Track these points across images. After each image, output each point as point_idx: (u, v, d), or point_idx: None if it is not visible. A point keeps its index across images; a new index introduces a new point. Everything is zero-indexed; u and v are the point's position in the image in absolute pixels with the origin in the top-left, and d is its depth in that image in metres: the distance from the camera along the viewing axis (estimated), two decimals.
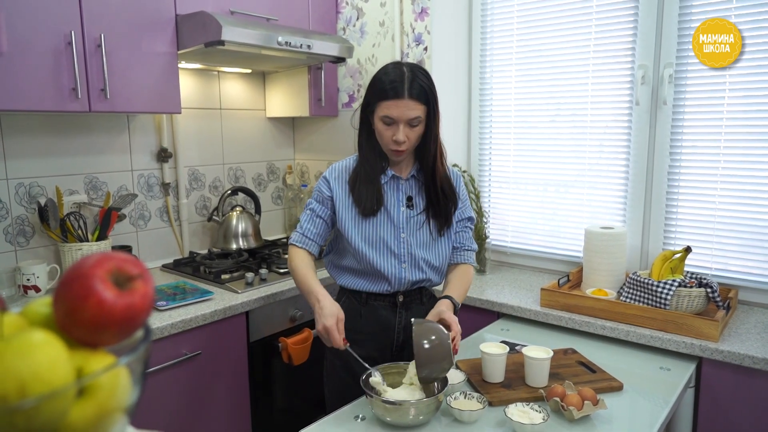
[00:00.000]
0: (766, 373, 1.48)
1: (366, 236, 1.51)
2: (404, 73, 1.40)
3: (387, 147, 1.47)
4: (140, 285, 0.42)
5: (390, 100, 1.39)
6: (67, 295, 0.40)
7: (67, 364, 0.35)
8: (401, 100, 1.39)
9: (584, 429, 1.25)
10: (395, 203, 1.53)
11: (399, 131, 1.41)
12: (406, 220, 1.53)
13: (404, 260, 1.53)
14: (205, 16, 1.89)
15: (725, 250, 1.91)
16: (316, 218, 1.55)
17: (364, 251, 1.51)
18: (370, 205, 1.49)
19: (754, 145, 1.83)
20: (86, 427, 0.37)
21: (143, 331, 0.44)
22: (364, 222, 1.51)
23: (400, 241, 1.52)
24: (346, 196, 1.52)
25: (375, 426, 1.26)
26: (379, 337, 1.57)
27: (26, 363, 0.33)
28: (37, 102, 1.64)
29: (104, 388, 0.38)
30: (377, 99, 1.43)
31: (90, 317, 0.39)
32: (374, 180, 1.50)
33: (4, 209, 1.88)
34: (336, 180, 1.55)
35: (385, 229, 1.51)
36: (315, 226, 1.55)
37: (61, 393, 0.33)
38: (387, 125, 1.43)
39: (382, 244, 1.51)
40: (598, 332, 1.75)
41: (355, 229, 1.51)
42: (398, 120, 1.41)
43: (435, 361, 1.25)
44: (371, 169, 1.50)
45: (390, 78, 1.41)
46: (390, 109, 1.40)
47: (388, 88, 1.40)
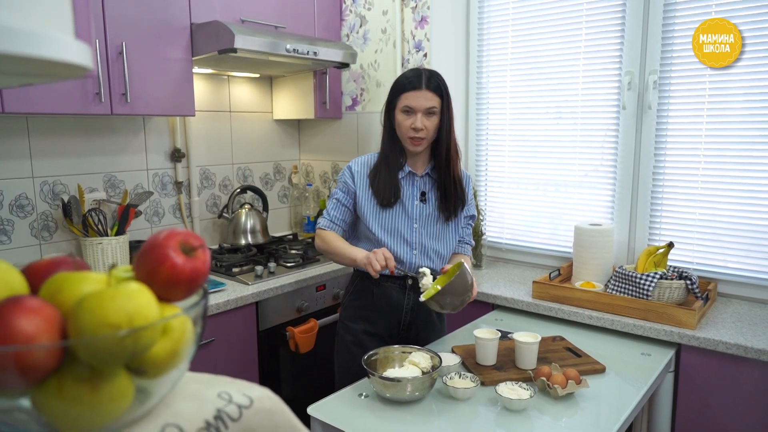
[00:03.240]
0: (738, 357, 1.61)
1: (383, 224, 1.69)
2: (422, 72, 1.63)
3: (406, 136, 1.64)
4: (201, 253, 0.54)
5: (409, 92, 1.61)
6: (147, 260, 0.53)
7: (156, 307, 0.48)
8: (419, 91, 1.60)
9: (567, 405, 1.37)
10: (410, 197, 1.71)
11: (417, 119, 1.60)
12: (419, 212, 1.71)
13: (415, 248, 1.71)
14: (219, 25, 2.01)
15: (705, 246, 2.04)
16: (341, 206, 1.73)
17: (381, 237, 1.68)
18: (388, 198, 1.67)
19: (733, 147, 1.95)
20: (165, 358, 0.50)
21: (203, 290, 0.56)
22: (381, 212, 1.69)
23: (413, 230, 1.70)
24: (366, 188, 1.70)
25: (376, 402, 1.38)
26: (389, 315, 1.74)
27: (132, 303, 0.45)
28: (64, 105, 1.77)
29: (177, 330, 0.51)
30: (398, 93, 1.63)
31: (165, 277, 0.52)
32: (393, 175, 1.68)
33: (30, 205, 2.01)
34: (358, 173, 1.73)
35: (400, 219, 1.70)
36: (341, 213, 1.73)
37: (155, 326, 0.46)
38: (406, 115, 1.62)
39: (396, 232, 1.69)
40: (585, 321, 1.88)
41: (373, 217, 1.69)
42: (416, 109, 1.60)
43: (458, 294, 1.46)
44: (391, 165, 1.68)
45: (409, 76, 1.63)
46: (409, 99, 1.61)
47: (407, 83, 1.62)
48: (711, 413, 1.67)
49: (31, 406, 0.47)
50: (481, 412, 1.35)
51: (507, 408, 1.34)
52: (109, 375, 0.47)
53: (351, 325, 1.76)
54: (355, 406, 1.38)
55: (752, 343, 1.59)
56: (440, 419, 1.32)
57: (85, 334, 0.44)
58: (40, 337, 0.43)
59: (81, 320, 0.44)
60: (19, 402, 0.47)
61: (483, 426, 1.31)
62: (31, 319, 0.43)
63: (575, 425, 1.31)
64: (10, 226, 1.96)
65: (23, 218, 2.00)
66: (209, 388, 0.57)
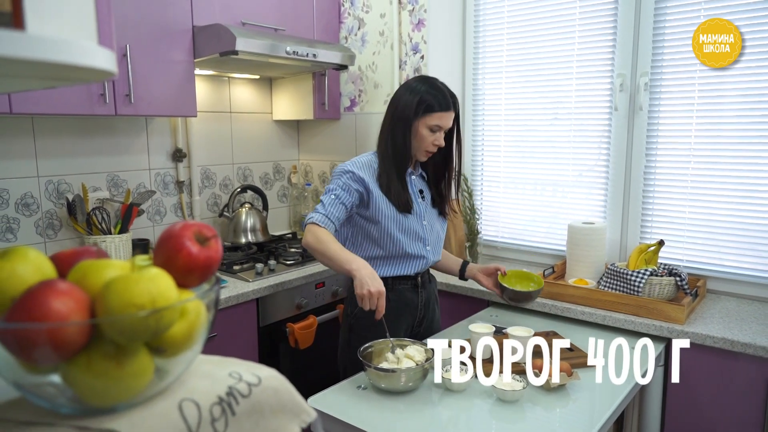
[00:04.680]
0: (725, 351, 1.66)
1: (401, 227, 1.72)
2: (446, 92, 1.69)
3: (425, 149, 1.71)
4: (214, 243, 0.59)
5: (442, 112, 1.67)
6: (165, 249, 0.57)
7: (175, 290, 0.52)
8: (449, 112, 1.68)
9: (559, 396, 1.42)
10: (415, 196, 1.77)
11: (441, 137, 1.69)
12: (424, 210, 1.78)
13: (428, 244, 1.78)
14: (220, 28, 2.06)
15: (696, 243, 2.09)
16: (340, 204, 1.66)
17: (399, 239, 1.72)
18: (405, 204, 1.71)
19: (721, 148, 2.00)
20: (181, 339, 0.55)
21: (215, 278, 0.61)
22: (399, 216, 1.72)
23: (423, 227, 1.77)
24: (380, 194, 1.69)
25: (373, 393, 1.43)
26: (405, 316, 1.78)
27: (154, 285, 0.50)
28: (70, 106, 1.81)
29: (192, 313, 0.56)
30: (428, 111, 1.67)
31: (182, 264, 0.57)
32: (402, 180, 1.73)
33: (35, 204, 2.05)
34: (368, 178, 1.69)
35: (414, 219, 1.75)
36: (338, 211, 1.66)
37: (174, 307, 0.51)
38: (432, 132, 1.68)
39: (413, 232, 1.75)
40: (578, 317, 1.93)
41: (393, 222, 1.71)
42: (443, 127, 1.68)
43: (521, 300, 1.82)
44: (401, 172, 1.72)
45: (437, 96, 1.67)
46: (442, 119, 1.67)
47: (437, 103, 1.66)
48: (699, 405, 1.73)
49: (60, 381, 0.52)
50: (475, 402, 1.39)
51: (501, 399, 1.39)
52: (132, 352, 0.51)
53: (369, 335, 1.62)
54: (353, 397, 1.43)
55: (738, 337, 1.64)
56: (434, 409, 1.37)
57: (112, 313, 0.48)
58: (72, 317, 0.48)
59: (109, 301, 0.48)
60: (50, 377, 0.52)
61: (477, 416, 1.35)
62: (64, 300, 0.48)
63: (567, 415, 1.36)
64: (15, 224, 2.01)
65: (29, 217, 2.04)
66: (221, 368, 0.62)
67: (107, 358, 0.50)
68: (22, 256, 0.52)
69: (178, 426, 0.52)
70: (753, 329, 1.71)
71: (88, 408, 0.52)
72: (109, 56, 0.53)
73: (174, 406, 0.53)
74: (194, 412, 0.54)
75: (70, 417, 0.52)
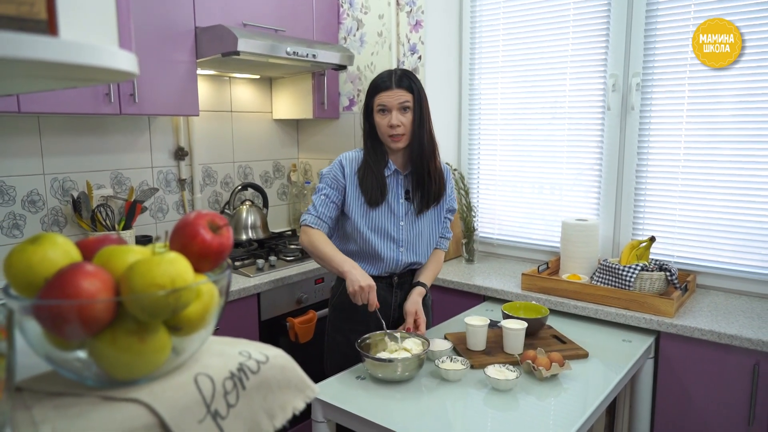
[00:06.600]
0: (712, 343, 1.71)
1: (370, 223, 1.73)
2: (392, 72, 1.71)
3: (385, 135, 1.69)
4: (226, 231, 0.64)
5: (382, 92, 1.68)
6: (180, 236, 0.62)
7: (192, 273, 0.57)
8: (391, 90, 1.67)
9: (552, 386, 1.47)
10: (396, 196, 1.75)
11: (393, 116, 1.67)
12: (405, 210, 1.76)
13: (402, 245, 1.76)
14: (222, 29, 2.11)
15: (686, 240, 2.14)
16: (330, 203, 1.72)
17: (368, 236, 1.72)
18: (376, 197, 1.71)
19: (711, 146, 2.06)
20: (196, 319, 0.60)
21: (226, 263, 0.66)
22: (369, 211, 1.72)
23: (400, 229, 1.75)
24: (355, 187, 1.73)
25: (371, 384, 1.48)
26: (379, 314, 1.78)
27: (174, 267, 0.55)
28: (76, 106, 1.86)
29: (206, 294, 0.61)
30: (373, 94, 1.70)
31: (196, 250, 0.62)
32: (379, 173, 1.72)
33: (41, 201, 2.10)
34: (349, 169, 1.74)
35: (387, 218, 1.74)
36: (328, 210, 1.72)
37: (191, 287, 0.56)
38: (383, 113, 1.68)
39: (383, 231, 1.73)
40: (570, 311, 1.98)
41: (360, 216, 1.72)
42: (390, 107, 1.67)
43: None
44: (376, 163, 1.72)
45: (382, 77, 1.71)
46: (382, 98, 1.67)
47: (380, 83, 1.69)
48: (688, 396, 1.78)
49: (86, 356, 0.57)
50: (470, 392, 1.45)
51: (495, 388, 1.44)
52: (153, 329, 0.56)
53: (342, 325, 1.78)
54: (352, 387, 1.48)
55: (725, 329, 1.70)
56: (430, 398, 1.42)
57: (136, 292, 0.53)
58: (99, 295, 0.53)
59: (132, 281, 0.53)
60: (76, 354, 0.57)
61: (472, 404, 1.40)
62: (91, 281, 0.53)
63: (559, 404, 1.41)
64: (22, 220, 2.05)
65: (35, 213, 2.08)
66: (232, 347, 0.67)
67: (130, 334, 0.55)
68: (51, 241, 0.56)
69: (195, 397, 0.57)
70: (740, 322, 1.76)
71: (112, 380, 0.57)
72: (131, 59, 0.58)
73: (190, 380, 0.58)
74: (209, 385, 0.59)
75: (96, 389, 0.56)
